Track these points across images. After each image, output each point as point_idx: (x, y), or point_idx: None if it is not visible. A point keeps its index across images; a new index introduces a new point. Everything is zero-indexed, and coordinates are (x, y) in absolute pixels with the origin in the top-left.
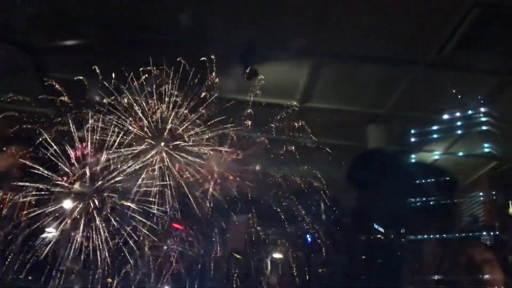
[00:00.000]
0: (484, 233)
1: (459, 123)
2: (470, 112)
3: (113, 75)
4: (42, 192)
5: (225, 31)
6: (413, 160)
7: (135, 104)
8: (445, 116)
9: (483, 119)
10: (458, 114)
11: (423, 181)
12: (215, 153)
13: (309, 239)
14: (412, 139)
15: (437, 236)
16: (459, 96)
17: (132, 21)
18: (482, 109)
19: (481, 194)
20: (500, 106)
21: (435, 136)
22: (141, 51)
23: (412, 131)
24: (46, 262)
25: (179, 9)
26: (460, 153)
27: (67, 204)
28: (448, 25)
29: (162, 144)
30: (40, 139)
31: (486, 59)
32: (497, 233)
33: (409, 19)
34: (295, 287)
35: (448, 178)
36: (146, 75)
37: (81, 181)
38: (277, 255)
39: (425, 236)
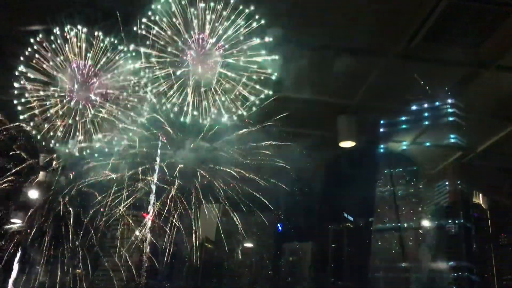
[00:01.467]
0: (449, 221)
1: (426, 114)
2: (437, 103)
3: None
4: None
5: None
6: (381, 150)
7: None
8: (413, 107)
9: (450, 110)
10: (426, 105)
11: (391, 170)
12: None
13: (280, 228)
14: (381, 129)
15: (405, 224)
16: (427, 87)
17: None
18: (449, 101)
19: (446, 183)
20: (466, 97)
21: (403, 126)
22: None
23: (381, 122)
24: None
25: None
26: (427, 143)
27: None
28: (417, 17)
29: None
30: None
31: (453, 51)
32: (462, 221)
33: (379, 11)
34: (266, 275)
35: (415, 168)
36: None
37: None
38: (248, 244)
39: (393, 225)
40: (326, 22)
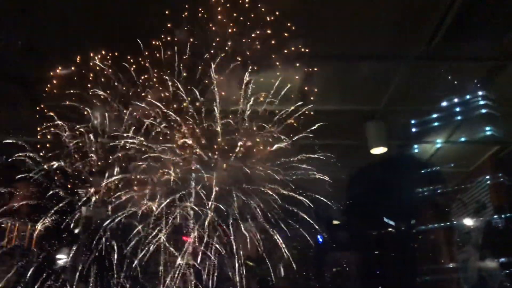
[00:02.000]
0: (495, 216)
1: (458, 109)
2: (467, 97)
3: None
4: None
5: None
6: (416, 151)
7: None
8: (443, 104)
9: (481, 102)
10: (456, 100)
11: (428, 170)
12: (220, 163)
13: (320, 239)
14: (413, 130)
15: (448, 223)
16: (455, 83)
17: None
18: (480, 93)
19: (487, 177)
20: (497, 88)
21: (435, 124)
22: None
23: (412, 122)
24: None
25: None
26: (463, 139)
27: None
28: (434, 17)
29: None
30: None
31: (476, 46)
32: (508, 215)
33: (396, 15)
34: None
35: (452, 165)
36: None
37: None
38: (289, 259)
39: (436, 225)
40: (344, 32)
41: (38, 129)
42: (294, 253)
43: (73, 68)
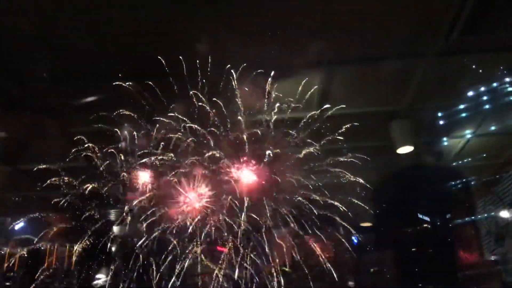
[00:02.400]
0: None
1: (484, 99)
2: (494, 85)
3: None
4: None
5: (237, 50)
6: (444, 146)
7: None
8: (469, 95)
9: (510, 89)
10: (481, 90)
11: (459, 164)
12: (247, 171)
13: (355, 241)
14: (439, 125)
15: (485, 216)
16: (479, 75)
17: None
18: (507, 79)
19: None
20: None
21: (462, 116)
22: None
23: (438, 117)
24: None
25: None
26: (492, 127)
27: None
28: (450, 12)
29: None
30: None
31: (495, 38)
32: None
33: (410, 13)
34: None
35: (483, 157)
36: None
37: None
38: (325, 262)
39: (472, 218)
40: (361, 34)
41: (70, 154)
42: (329, 255)
43: (98, 94)
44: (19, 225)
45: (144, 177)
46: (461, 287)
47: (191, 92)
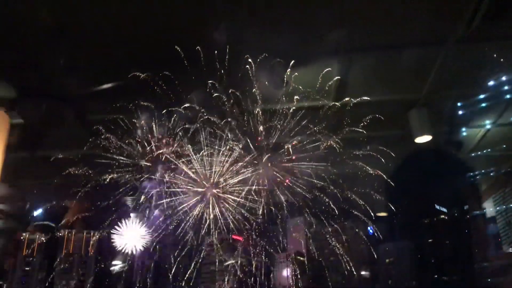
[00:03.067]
0: None
1: (506, 88)
2: None
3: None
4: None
5: (255, 40)
6: (463, 135)
7: None
8: (490, 84)
9: None
10: (503, 79)
11: (478, 154)
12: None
13: (371, 231)
14: (459, 114)
15: (504, 207)
16: (501, 63)
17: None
18: None
19: None
20: None
21: (482, 106)
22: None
23: (457, 106)
24: None
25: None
26: None
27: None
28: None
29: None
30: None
31: None
32: None
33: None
34: (365, 279)
35: (503, 147)
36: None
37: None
38: (340, 252)
39: (491, 209)
40: (380, 22)
41: (88, 143)
42: (345, 246)
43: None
44: (38, 211)
45: (161, 166)
46: (478, 279)
47: (209, 82)
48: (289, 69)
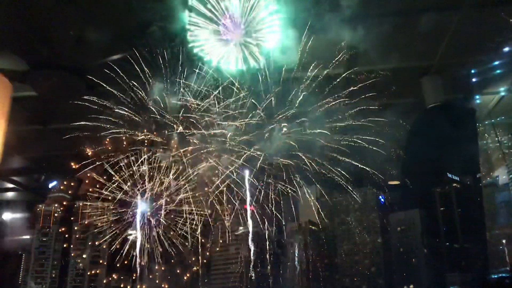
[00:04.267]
0: None
1: None
2: None
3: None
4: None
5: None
6: (477, 103)
7: None
8: (504, 50)
9: None
10: None
11: (492, 121)
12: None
13: (382, 200)
14: (472, 81)
15: None
16: None
17: None
18: None
19: None
20: None
21: (498, 71)
22: None
23: (473, 71)
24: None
25: None
26: None
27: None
28: None
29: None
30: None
31: None
32: None
33: None
34: (377, 248)
35: None
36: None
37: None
38: (352, 221)
39: (504, 177)
40: None
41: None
42: (356, 215)
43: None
44: (53, 183)
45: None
46: (489, 247)
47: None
48: (303, 38)
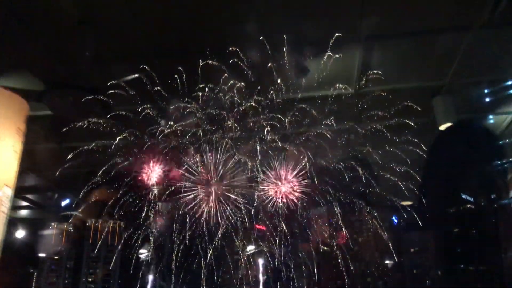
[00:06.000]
0: None
1: None
2: None
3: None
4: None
5: (268, 27)
6: (490, 123)
7: None
8: None
9: None
10: None
11: (505, 142)
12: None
13: (395, 220)
14: (484, 101)
15: None
16: None
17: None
18: None
19: None
20: None
21: (511, 91)
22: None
23: (485, 91)
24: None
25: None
26: None
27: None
28: None
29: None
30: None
31: None
32: None
33: None
34: (391, 268)
35: None
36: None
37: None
38: (364, 242)
39: None
40: (404, 8)
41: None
42: (369, 235)
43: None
44: (65, 201)
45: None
46: (505, 269)
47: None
48: (311, 56)
